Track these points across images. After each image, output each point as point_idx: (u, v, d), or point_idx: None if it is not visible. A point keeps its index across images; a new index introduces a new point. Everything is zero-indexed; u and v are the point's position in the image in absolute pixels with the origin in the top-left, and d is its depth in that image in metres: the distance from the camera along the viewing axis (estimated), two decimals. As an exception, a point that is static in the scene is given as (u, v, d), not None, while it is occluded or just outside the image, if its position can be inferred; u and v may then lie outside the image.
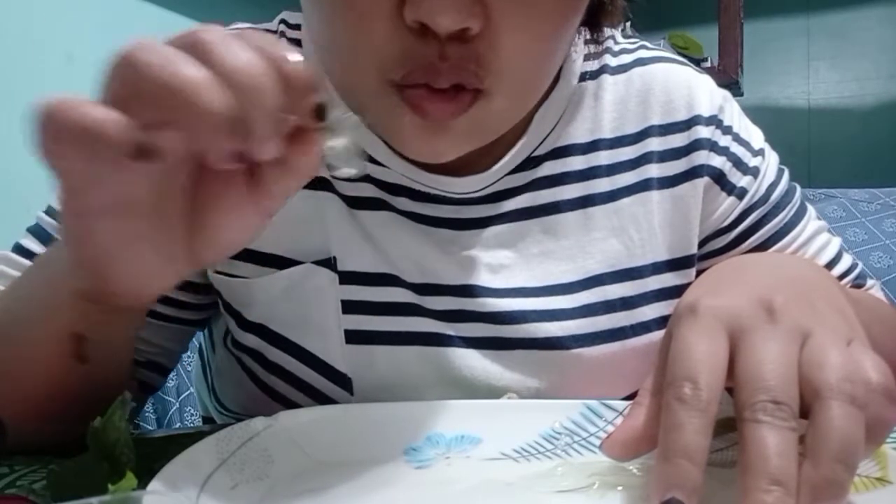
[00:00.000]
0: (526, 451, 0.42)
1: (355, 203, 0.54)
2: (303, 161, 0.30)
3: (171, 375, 0.98)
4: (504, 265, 0.54)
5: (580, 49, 0.56)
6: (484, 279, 0.53)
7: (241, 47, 0.28)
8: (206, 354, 0.64)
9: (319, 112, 0.30)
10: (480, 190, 0.54)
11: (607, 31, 0.56)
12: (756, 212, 0.56)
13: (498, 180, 0.54)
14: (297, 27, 0.58)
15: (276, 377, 0.54)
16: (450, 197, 0.54)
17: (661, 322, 0.54)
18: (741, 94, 2.22)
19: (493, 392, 0.53)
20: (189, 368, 1.01)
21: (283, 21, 0.59)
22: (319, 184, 0.54)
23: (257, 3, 1.46)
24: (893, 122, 2.61)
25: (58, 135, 0.27)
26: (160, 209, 0.31)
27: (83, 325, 0.40)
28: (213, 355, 0.62)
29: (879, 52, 2.66)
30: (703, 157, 0.55)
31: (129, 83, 0.27)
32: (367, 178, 0.54)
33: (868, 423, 0.29)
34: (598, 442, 0.42)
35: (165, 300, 0.56)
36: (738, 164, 0.56)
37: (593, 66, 0.57)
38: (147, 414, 0.98)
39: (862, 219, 1.01)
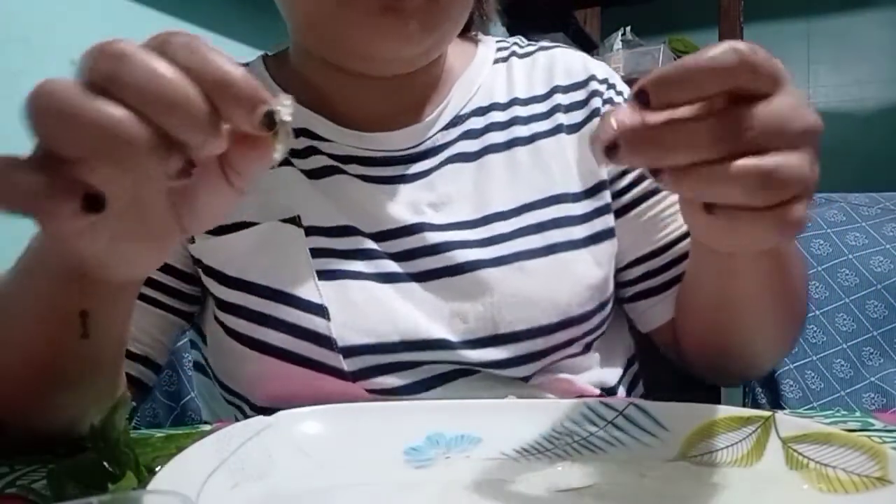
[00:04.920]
0: (526, 451, 0.42)
1: (312, 174, 0.62)
2: (256, 159, 0.34)
3: (171, 380, 0.99)
4: (444, 203, 0.62)
5: (493, 43, 0.71)
6: (429, 216, 0.61)
7: (163, 69, 0.31)
8: (201, 349, 0.67)
9: (269, 121, 0.32)
10: (418, 145, 0.63)
11: (512, 38, 0.72)
12: None
13: (431, 136, 0.64)
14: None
15: (259, 325, 0.59)
16: (394, 157, 0.63)
17: (588, 241, 0.62)
18: (741, 98, 2.21)
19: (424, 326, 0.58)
20: (189, 373, 1.01)
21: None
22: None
23: (256, 7, 1.47)
24: (894, 126, 2.62)
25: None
26: (149, 199, 0.36)
27: (85, 302, 0.41)
28: (206, 346, 0.65)
29: (880, 56, 2.66)
30: (597, 104, 0.66)
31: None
32: (318, 153, 0.63)
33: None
34: (598, 442, 0.43)
35: (155, 285, 0.61)
36: None
37: (504, 54, 0.70)
38: (147, 418, 0.98)
39: (862, 223, 1.01)
